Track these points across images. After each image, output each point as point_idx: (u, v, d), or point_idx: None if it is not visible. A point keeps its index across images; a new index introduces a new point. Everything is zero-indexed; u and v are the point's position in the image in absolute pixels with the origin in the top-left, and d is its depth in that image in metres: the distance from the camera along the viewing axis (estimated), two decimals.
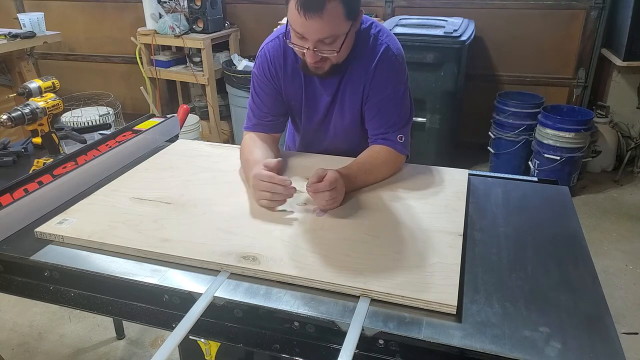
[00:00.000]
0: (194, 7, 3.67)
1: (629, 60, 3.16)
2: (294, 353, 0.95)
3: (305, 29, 1.19)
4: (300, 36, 1.22)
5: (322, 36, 1.20)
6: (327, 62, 1.29)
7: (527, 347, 0.84)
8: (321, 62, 1.28)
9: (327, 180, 1.19)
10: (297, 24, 1.19)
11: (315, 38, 1.20)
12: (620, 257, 2.71)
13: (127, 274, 1.03)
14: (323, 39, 1.21)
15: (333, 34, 1.20)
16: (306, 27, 1.18)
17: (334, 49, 1.23)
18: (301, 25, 1.19)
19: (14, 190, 1.27)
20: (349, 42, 1.28)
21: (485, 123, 3.48)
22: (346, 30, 1.23)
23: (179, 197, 1.29)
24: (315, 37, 1.20)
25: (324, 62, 1.28)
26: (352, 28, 1.25)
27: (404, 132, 1.40)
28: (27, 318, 2.36)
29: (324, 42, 1.22)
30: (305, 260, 1.03)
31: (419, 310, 0.92)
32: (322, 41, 1.21)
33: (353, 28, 1.25)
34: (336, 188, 1.20)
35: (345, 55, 1.31)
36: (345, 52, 1.30)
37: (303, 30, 1.20)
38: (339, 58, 1.29)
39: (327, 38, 1.21)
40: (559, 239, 1.15)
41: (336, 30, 1.20)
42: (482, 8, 3.46)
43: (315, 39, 1.20)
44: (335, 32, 1.21)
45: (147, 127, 1.66)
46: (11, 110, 1.53)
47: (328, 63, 1.29)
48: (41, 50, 4.40)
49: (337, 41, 1.23)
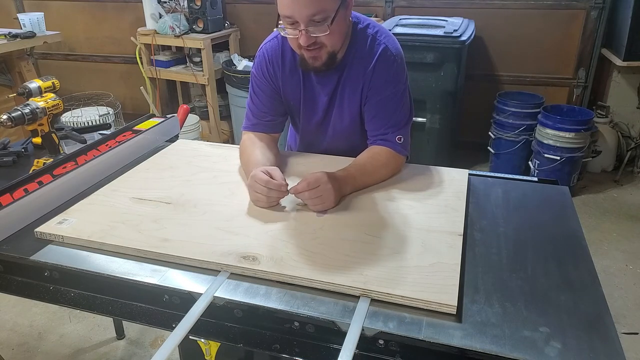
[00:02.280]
0: (194, 7, 3.67)
1: (629, 60, 3.16)
2: (294, 353, 0.95)
3: (293, 8, 1.19)
4: (292, 21, 1.22)
5: (310, 12, 1.19)
6: (323, 50, 1.28)
7: (527, 347, 0.84)
8: (317, 51, 1.27)
9: (305, 181, 1.20)
10: (285, 6, 1.20)
11: (304, 15, 1.19)
12: (620, 257, 2.71)
13: (127, 274, 1.02)
14: (312, 17, 1.20)
15: (321, 8, 1.19)
16: (294, 5, 1.18)
17: (325, 25, 1.22)
18: (289, 6, 1.19)
19: (14, 190, 1.27)
20: (341, 25, 1.28)
21: (485, 123, 3.48)
22: (335, 7, 1.22)
23: (179, 197, 1.29)
24: (304, 14, 1.19)
25: (320, 50, 1.28)
26: (341, 7, 1.24)
27: (404, 132, 1.40)
28: (27, 318, 2.36)
29: (314, 21, 1.21)
30: (305, 260, 1.03)
31: (419, 310, 0.92)
32: (312, 20, 1.20)
33: (343, 8, 1.25)
34: (318, 188, 1.20)
35: (339, 41, 1.31)
36: (339, 37, 1.29)
37: (292, 11, 1.19)
38: (333, 43, 1.28)
39: (316, 14, 1.20)
40: (559, 239, 1.15)
41: (324, 4, 1.20)
42: (482, 8, 3.46)
43: (305, 16, 1.19)
44: (323, 6, 1.20)
45: (147, 127, 1.66)
46: (11, 110, 1.53)
47: (324, 52, 1.28)
48: (41, 50, 4.40)
49: (327, 19, 1.22)
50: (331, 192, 1.21)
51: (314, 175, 1.21)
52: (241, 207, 1.25)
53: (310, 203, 1.21)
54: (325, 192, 1.20)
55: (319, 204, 1.21)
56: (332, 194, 1.21)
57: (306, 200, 1.21)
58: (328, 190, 1.21)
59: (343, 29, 1.30)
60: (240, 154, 1.46)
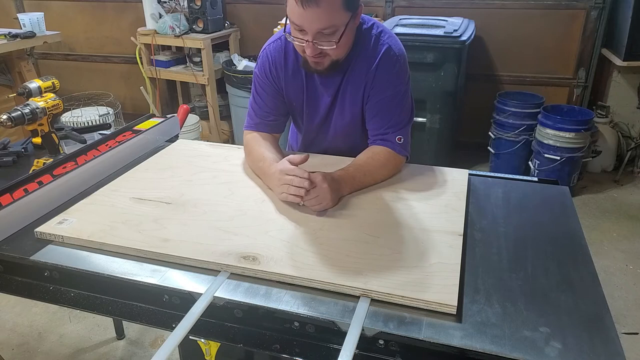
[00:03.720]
0: (194, 7, 3.67)
1: (629, 60, 3.16)
2: (294, 353, 0.95)
3: (303, 20, 1.19)
4: (300, 29, 1.22)
5: (321, 26, 1.19)
6: (326, 58, 1.28)
7: (527, 347, 0.84)
8: (320, 58, 1.27)
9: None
10: (296, 15, 1.19)
11: (313, 28, 1.20)
12: (620, 257, 2.71)
13: (127, 274, 1.03)
14: (322, 30, 1.20)
15: (331, 24, 1.20)
16: (304, 18, 1.18)
17: (333, 41, 1.22)
18: (299, 16, 1.19)
19: (14, 190, 1.27)
20: (349, 37, 1.28)
21: (485, 123, 3.48)
22: (345, 22, 1.22)
23: (179, 197, 1.29)
24: (313, 27, 1.19)
25: (323, 57, 1.28)
26: (351, 21, 1.24)
27: (404, 133, 1.40)
28: (27, 318, 2.36)
29: (323, 34, 1.21)
30: (305, 260, 1.03)
31: (419, 310, 0.92)
32: (321, 32, 1.21)
33: (352, 21, 1.25)
34: (315, 189, 1.20)
35: (344, 51, 1.31)
36: (345, 48, 1.30)
37: (302, 22, 1.20)
38: (338, 53, 1.28)
39: (326, 29, 1.20)
40: (559, 239, 1.15)
41: (334, 20, 1.20)
42: (482, 8, 3.46)
43: (314, 29, 1.20)
44: (334, 22, 1.20)
45: (147, 127, 1.66)
46: (11, 110, 1.53)
47: (327, 59, 1.29)
48: (41, 50, 4.41)
49: (336, 33, 1.22)
50: (328, 193, 1.21)
51: (311, 176, 1.21)
52: (241, 207, 1.25)
53: (308, 204, 1.21)
54: (322, 193, 1.20)
55: (316, 204, 1.21)
56: (329, 194, 1.21)
57: (303, 201, 1.21)
58: (325, 190, 1.21)
59: (350, 41, 1.31)
60: (246, 153, 1.46)
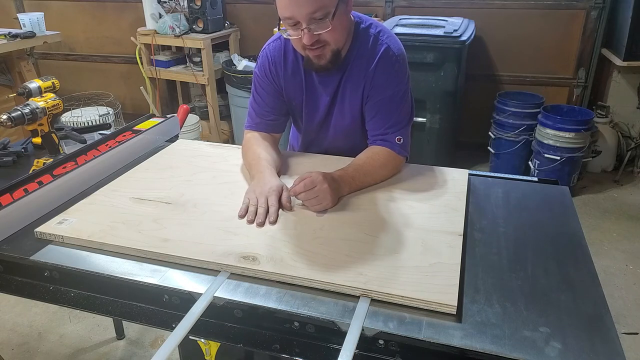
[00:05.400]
0: (194, 7, 3.67)
1: (629, 60, 3.16)
2: (294, 353, 0.95)
3: (293, 8, 1.19)
4: (293, 22, 1.22)
5: (310, 9, 1.19)
6: (326, 49, 1.28)
7: (527, 347, 0.84)
8: (320, 49, 1.28)
9: (302, 182, 1.21)
10: (285, 8, 1.20)
11: (304, 13, 1.19)
12: (620, 257, 2.71)
13: (127, 274, 1.02)
14: (312, 14, 1.20)
15: (321, 5, 1.19)
16: (293, 5, 1.19)
17: (327, 20, 1.22)
18: (288, 6, 1.19)
19: (14, 190, 1.27)
20: (343, 20, 1.28)
21: (485, 123, 3.48)
22: (335, 2, 1.22)
23: (179, 197, 1.29)
24: (303, 12, 1.19)
25: (324, 48, 1.28)
26: (341, 2, 1.24)
27: (404, 133, 1.40)
28: (27, 318, 2.36)
29: (315, 19, 1.21)
30: (305, 260, 1.03)
31: (419, 310, 0.92)
32: (313, 18, 1.20)
33: (343, 3, 1.25)
34: (314, 189, 1.20)
35: (342, 37, 1.31)
36: (342, 33, 1.30)
37: (292, 11, 1.20)
38: (336, 39, 1.28)
39: (316, 11, 1.19)
40: (559, 239, 1.15)
41: (323, 0, 1.20)
42: (482, 8, 3.46)
43: (305, 14, 1.19)
44: (323, 2, 1.20)
45: (147, 127, 1.66)
46: (11, 110, 1.53)
47: (328, 50, 1.29)
48: (41, 50, 4.41)
49: (328, 15, 1.22)
50: (328, 192, 1.21)
51: (310, 176, 1.21)
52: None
53: (307, 204, 1.22)
54: (321, 193, 1.20)
55: (316, 204, 1.21)
56: (328, 194, 1.21)
57: (303, 200, 1.22)
58: (324, 190, 1.21)
59: (345, 25, 1.30)
60: (243, 152, 1.46)
